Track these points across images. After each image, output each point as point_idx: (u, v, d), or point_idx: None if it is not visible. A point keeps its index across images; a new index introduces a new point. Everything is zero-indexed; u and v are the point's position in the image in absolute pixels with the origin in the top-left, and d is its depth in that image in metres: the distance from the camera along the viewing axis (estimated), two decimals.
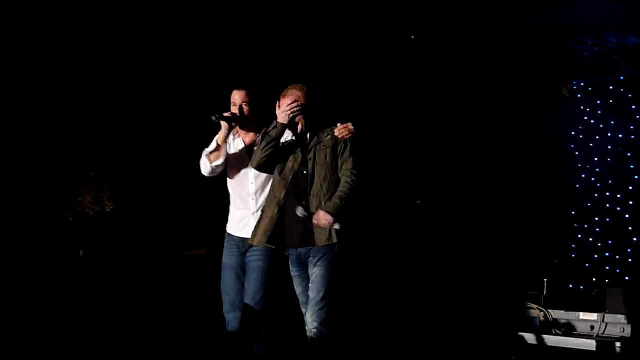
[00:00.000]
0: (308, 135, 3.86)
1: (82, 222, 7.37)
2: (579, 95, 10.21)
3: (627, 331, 6.53)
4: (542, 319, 6.99)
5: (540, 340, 6.66)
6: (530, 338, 6.66)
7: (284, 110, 3.75)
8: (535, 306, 7.14)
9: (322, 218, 3.47)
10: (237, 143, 4.10)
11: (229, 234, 4.05)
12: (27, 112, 7.05)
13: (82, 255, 7.29)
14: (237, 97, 4.02)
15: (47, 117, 7.15)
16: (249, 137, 4.10)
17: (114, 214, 7.49)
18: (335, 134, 3.81)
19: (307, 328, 3.54)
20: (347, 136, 3.80)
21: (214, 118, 3.93)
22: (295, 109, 3.77)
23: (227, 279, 3.92)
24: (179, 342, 5.79)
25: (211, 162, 4.00)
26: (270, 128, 3.78)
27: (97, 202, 7.41)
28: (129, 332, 6.00)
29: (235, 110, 3.98)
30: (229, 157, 4.02)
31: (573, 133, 10.17)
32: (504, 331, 6.77)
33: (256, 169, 3.87)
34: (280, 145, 3.79)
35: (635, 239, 9.36)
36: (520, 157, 9.31)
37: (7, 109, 6.90)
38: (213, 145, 4.01)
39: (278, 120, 3.76)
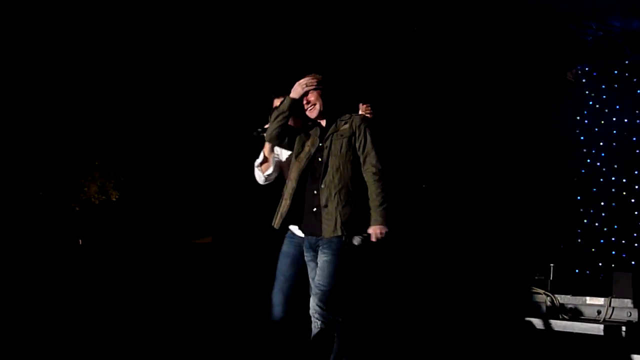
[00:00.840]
0: (324, 122, 3.86)
1: (88, 211, 7.42)
2: (584, 80, 10.19)
3: (634, 315, 6.55)
4: (548, 303, 7.02)
5: (547, 325, 6.68)
6: (537, 323, 6.67)
7: (299, 83, 3.79)
8: (542, 291, 7.16)
9: (378, 233, 3.55)
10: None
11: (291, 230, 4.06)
12: (33, 103, 7.09)
13: (81, 244, 7.28)
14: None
15: (52, 107, 7.18)
16: None
17: (119, 203, 7.53)
18: (361, 112, 3.89)
19: (310, 312, 3.58)
20: (371, 115, 3.89)
21: (255, 134, 4.06)
22: (310, 84, 3.79)
23: (281, 265, 3.95)
24: (184, 329, 5.82)
25: (263, 173, 4.13)
26: (281, 102, 3.84)
27: (103, 191, 7.44)
28: (134, 320, 6.02)
29: None
30: (282, 163, 4.12)
31: (578, 118, 10.19)
32: (511, 316, 6.78)
33: (268, 142, 3.97)
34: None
35: None
36: (526, 142, 9.33)
37: (13, 101, 6.92)
38: (261, 157, 4.13)
39: (290, 95, 3.80)
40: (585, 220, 9.91)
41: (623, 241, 9.45)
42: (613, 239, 9.55)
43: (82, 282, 6.67)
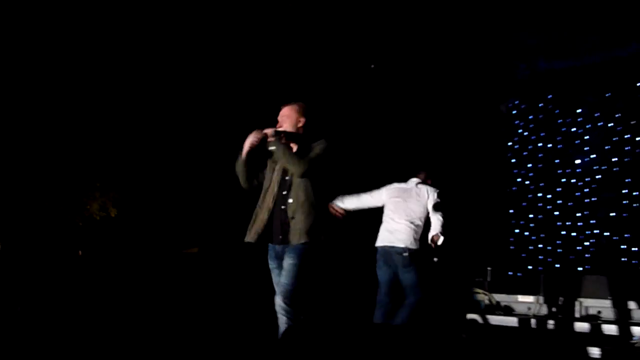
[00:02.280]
0: (295, 147, 3.79)
1: (90, 226, 7.36)
2: (514, 112, 10.34)
3: (561, 313, 6.87)
4: (486, 302, 7.23)
5: (485, 320, 6.88)
6: (477, 318, 6.88)
7: (248, 141, 3.75)
8: (481, 291, 7.35)
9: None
10: None
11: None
12: (41, 133, 7.02)
13: (81, 254, 7.26)
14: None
15: (60, 137, 7.14)
16: None
17: (118, 219, 7.48)
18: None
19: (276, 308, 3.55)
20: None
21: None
22: (253, 142, 3.72)
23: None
24: (176, 327, 5.75)
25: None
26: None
27: (103, 209, 7.39)
28: (131, 320, 5.97)
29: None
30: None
31: (510, 144, 10.31)
32: (455, 313, 6.93)
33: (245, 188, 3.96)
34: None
35: (563, 232, 9.48)
36: (468, 163, 9.37)
37: (24, 132, 6.87)
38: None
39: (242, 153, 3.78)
40: (516, 230, 10.00)
41: (548, 247, 9.55)
42: (540, 245, 9.65)
43: (84, 288, 6.63)
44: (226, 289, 6.83)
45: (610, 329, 6.22)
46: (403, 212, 5.19)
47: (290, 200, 3.63)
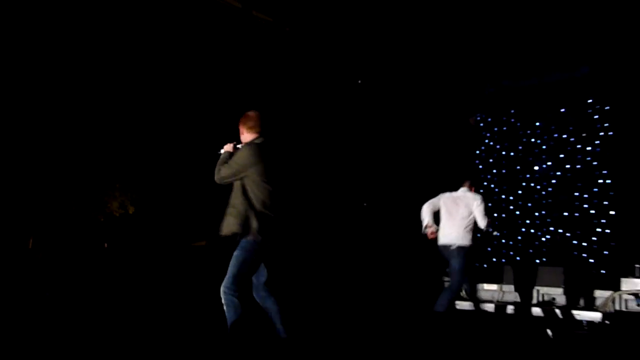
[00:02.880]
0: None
1: (111, 222, 7.33)
2: (482, 124, 10.41)
3: (520, 299, 6.98)
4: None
5: (454, 305, 6.60)
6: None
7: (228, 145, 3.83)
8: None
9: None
10: None
11: None
12: (70, 141, 6.97)
13: (107, 246, 7.21)
14: None
15: (85, 143, 7.10)
16: None
17: (135, 215, 7.43)
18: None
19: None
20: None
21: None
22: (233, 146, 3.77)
23: None
24: (184, 311, 5.77)
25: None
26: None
27: (122, 207, 7.38)
28: (145, 302, 6.04)
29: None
30: None
31: (477, 152, 10.39)
32: (425, 300, 6.64)
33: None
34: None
35: (523, 229, 9.64)
36: (440, 169, 9.30)
37: (55, 141, 6.82)
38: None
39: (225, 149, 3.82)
40: (478, 234, 9.98)
41: (510, 242, 9.70)
42: (503, 241, 9.77)
43: (106, 275, 6.58)
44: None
45: (563, 314, 6.34)
46: (455, 215, 5.61)
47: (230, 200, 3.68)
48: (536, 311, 6.53)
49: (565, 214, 9.25)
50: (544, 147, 9.71)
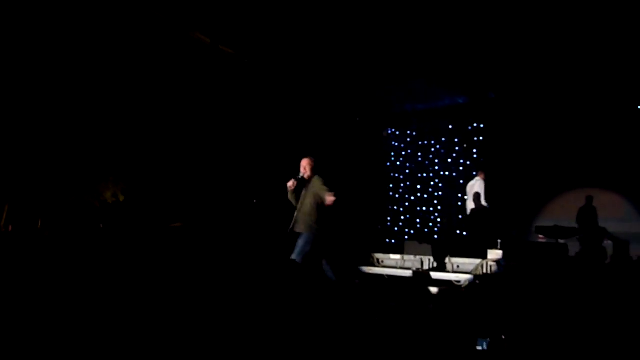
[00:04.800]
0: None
1: (105, 208, 7.12)
2: (392, 137, 10.63)
3: (416, 265, 7.05)
4: (371, 259, 7.40)
5: (369, 270, 7.05)
6: (365, 269, 7.05)
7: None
8: (368, 253, 7.49)
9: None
10: None
11: None
12: (70, 139, 6.71)
13: (102, 227, 7.00)
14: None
15: (83, 141, 6.84)
16: None
17: (125, 203, 7.23)
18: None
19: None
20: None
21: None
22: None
23: None
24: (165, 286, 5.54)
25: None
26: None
27: (115, 195, 7.20)
28: (135, 276, 5.73)
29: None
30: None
31: (392, 158, 10.61)
32: (352, 268, 7.02)
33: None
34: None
35: (421, 214, 10.02)
36: (358, 174, 9.57)
37: (58, 138, 6.57)
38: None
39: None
40: (391, 213, 10.38)
41: (412, 224, 10.09)
42: (407, 223, 10.17)
43: (100, 251, 6.26)
44: (200, 253, 6.58)
45: (446, 276, 6.50)
46: (470, 195, 6.95)
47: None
48: (429, 274, 6.71)
49: (452, 203, 9.61)
50: (436, 154, 10.07)
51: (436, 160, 10.00)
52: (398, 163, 10.49)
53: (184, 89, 7.22)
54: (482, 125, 9.43)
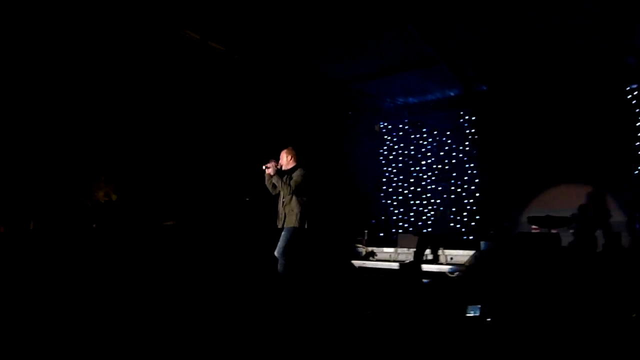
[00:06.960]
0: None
1: (97, 207, 7.05)
2: (384, 130, 10.63)
3: (409, 258, 7.13)
4: (364, 252, 7.53)
5: (363, 264, 7.13)
6: (357, 263, 7.11)
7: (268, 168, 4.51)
8: (361, 245, 7.63)
9: None
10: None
11: None
12: (62, 139, 6.64)
13: (95, 226, 6.95)
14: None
15: (76, 140, 6.78)
16: None
17: (117, 202, 7.17)
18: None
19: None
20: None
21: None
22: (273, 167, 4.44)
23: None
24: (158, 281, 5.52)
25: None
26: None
27: (107, 195, 7.13)
28: (128, 273, 5.69)
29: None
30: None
31: (381, 151, 10.63)
32: (344, 261, 7.03)
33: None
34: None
35: (414, 208, 10.00)
36: (352, 167, 9.58)
37: (50, 138, 6.51)
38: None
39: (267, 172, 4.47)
40: (384, 207, 10.37)
41: (405, 217, 10.07)
42: (400, 216, 10.13)
43: (93, 250, 6.21)
44: (193, 251, 6.47)
45: (438, 268, 6.59)
46: None
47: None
48: (423, 266, 6.78)
49: (445, 196, 9.65)
50: (429, 147, 10.08)
51: (428, 154, 10.02)
52: (391, 157, 10.49)
53: (175, 86, 7.20)
54: (474, 118, 9.46)
